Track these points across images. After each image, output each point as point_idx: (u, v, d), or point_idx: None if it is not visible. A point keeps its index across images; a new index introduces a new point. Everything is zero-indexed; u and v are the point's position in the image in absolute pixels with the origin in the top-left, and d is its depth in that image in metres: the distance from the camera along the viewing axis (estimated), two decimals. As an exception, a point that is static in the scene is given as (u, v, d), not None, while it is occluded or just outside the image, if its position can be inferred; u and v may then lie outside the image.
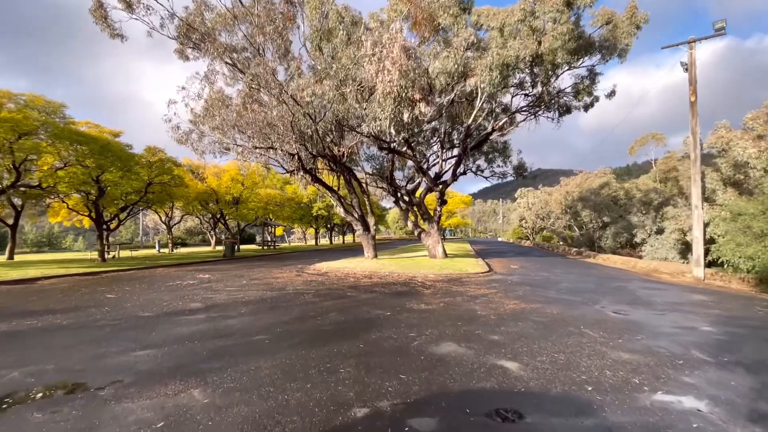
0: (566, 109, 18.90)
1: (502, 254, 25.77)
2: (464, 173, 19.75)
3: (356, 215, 17.21)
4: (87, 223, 25.06)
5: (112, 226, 21.42)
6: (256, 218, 29.66)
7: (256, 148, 12.72)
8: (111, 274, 13.59)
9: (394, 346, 4.84)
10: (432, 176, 17.25)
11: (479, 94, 14.64)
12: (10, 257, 19.91)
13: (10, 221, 20.12)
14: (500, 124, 16.19)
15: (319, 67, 11.17)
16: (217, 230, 36.07)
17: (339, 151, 13.71)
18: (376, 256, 17.67)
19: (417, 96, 10.52)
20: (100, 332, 5.50)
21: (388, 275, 13.01)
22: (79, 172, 15.37)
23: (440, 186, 17.17)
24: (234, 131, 12.94)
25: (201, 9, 14.22)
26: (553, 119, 18.70)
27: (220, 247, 36.40)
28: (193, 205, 25.82)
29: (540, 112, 17.86)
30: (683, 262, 20.68)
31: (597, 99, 18.39)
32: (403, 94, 10.57)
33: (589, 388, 3.56)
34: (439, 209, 17.88)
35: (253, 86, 13.42)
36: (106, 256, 17.92)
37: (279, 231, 48.10)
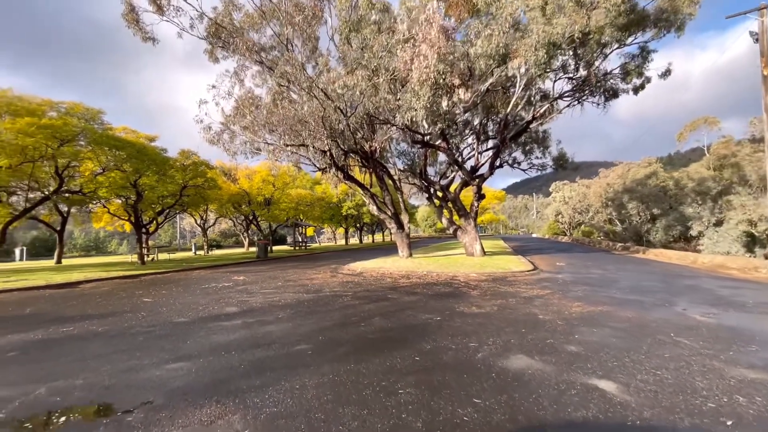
0: (613, 93, 17.47)
1: (542, 251, 24.41)
2: (500, 166, 18.72)
3: (389, 213, 16.60)
4: (128, 227, 25.92)
5: (150, 230, 21.95)
6: (287, 219, 29.75)
7: (287, 145, 12.38)
8: (149, 277, 13.67)
9: (456, 360, 4.16)
10: (468, 170, 16.35)
11: (518, 80, 13.65)
12: (58, 261, 20.81)
13: (58, 227, 21.02)
14: (541, 111, 15.09)
15: (349, 58, 10.64)
16: (249, 232, 36.58)
17: (371, 146, 13.15)
18: (411, 255, 17.00)
19: (456, 81, 9.76)
20: (134, 340, 5.16)
21: (427, 275, 12.32)
22: (118, 176, 15.69)
23: (477, 180, 16.27)
24: (264, 130, 12.67)
25: (229, 9, 14.06)
26: (598, 104, 17.32)
27: (253, 249, 36.90)
28: (226, 207, 26.18)
29: (584, 97, 16.56)
30: (750, 256, 18.67)
31: (648, 80, 16.86)
32: (441, 81, 9.84)
33: (728, 423, 2.74)
34: (476, 204, 16.97)
35: (282, 84, 13.10)
36: (145, 258, 18.27)
37: (309, 231, 48.37)
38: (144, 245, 18.56)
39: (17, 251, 30.15)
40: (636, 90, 17.09)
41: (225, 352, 4.58)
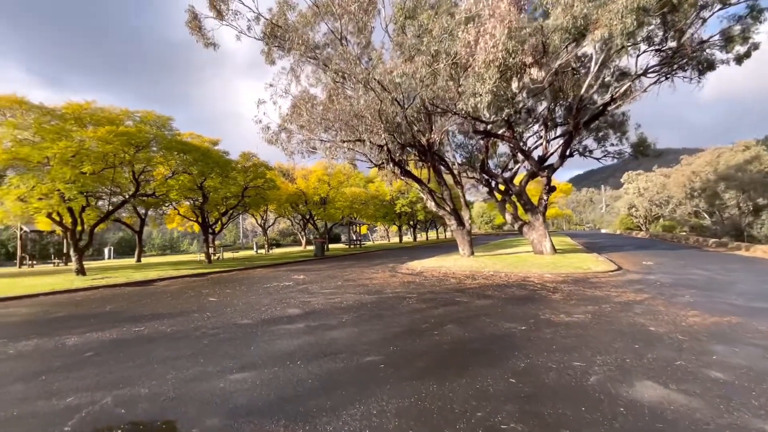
0: (708, 65, 15.10)
1: (619, 248, 21.99)
2: (570, 155, 17.01)
3: (448, 209, 15.74)
4: (197, 228, 27.66)
5: (216, 230, 23.10)
6: (342, 217, 29.95)
7: (344, 141, 12.07)
8: (215, 276, 14.15)
9: (563, 384, 3.36)
10: (536, 160, 14.98)
11: (594, 57, 12.15)
12: (138, 260, 22.64)
13: (137, 228, 22.88)
14: (621, 90, 13.34)
15: (407, 45, 10.02)
16: (306, 231, 37.48)
17: (428, 139, 12.42)
18: (472, 253, 16.00)
19: (528, 59, 8.73)
20: (199, 344, 4.97)
21: (494, 275, 11.37)
22: (186, 179, 16.57)
23: (546, 171, 14.84)
24: (320, 128, 12.50)
25: (283, 9, 14.07)
26: (690, 79, 15.06)
27: (310, 247, 37.75)
28: (285, 207, 26.91)
29: (673, 72, 14.44)
30: None
31: (756, 46, 14.33)
32: (510, 60, 8.86)
33: None
34: (545, 198, 15.54)
35: (337, 80, 12.81)
36: (211, 257, 19.17)
37: (363, 229, 48.65)
38: (210, 245, 19.48)
39: (106, 250, 33.51)
40: (739, 59, 14.63)
41: (290, 361, 4.18)
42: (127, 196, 15.14)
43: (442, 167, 15.69)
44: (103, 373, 4.02)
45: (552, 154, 16.19)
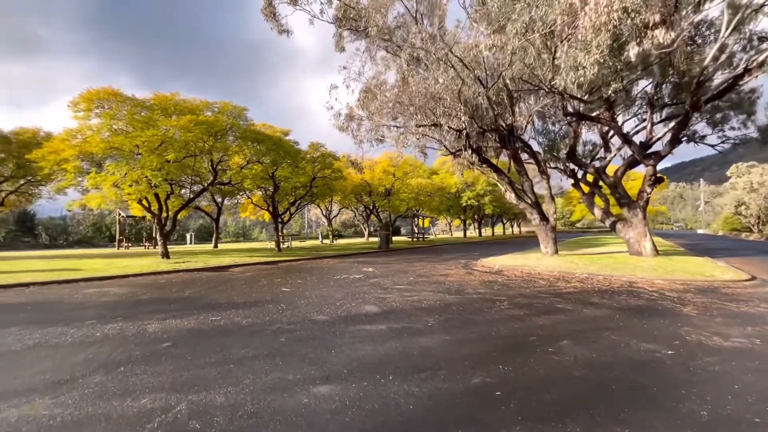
0: None
1: (733, 252, 18.63)
2: (679, 141, 14.43)
3: (530, 201, 14.21)
4: (267, 216, 28.81)
5: (285, 219, 23.67)
6: (406, 209, 29.27)
7: (419, 126, 11.22)
8: (285, 264, 14.22)
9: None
10: (639, 147, 12.85)
11: (726, 17, 9.92)
12: (215, 246, 24.05)
13: (215, 216, 24.27)
14: (761, 59, 10.81)
15: (494, 13, 8.82)
16: (369, 222, 37.45)
17: (514, 121, 11.09)
18: (556, 251, 14.33)
19: (655, 18, 7.11)
20: (275, 342, 4.49)
21: (589, 278, 9.85)
22: (259, 169, 16.96)
23: (652, 159, 12.67)
24: (392, 113, 11.76)
25: (356, -10, 13.54)
26: None
27: (373, 239, 37.70)
28: (349, 198, 26.89)
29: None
30: None
31: None
32: (628, 22, 7.31)
33: None
34: (648, 191, 13.34)
35: (411, 63, 11.93)
36: (281, 246, 19.58)
37: (425, 222, 47.62)
38: (280, 233, 19.91)
39: (188, 236, 36.50)
40: None
41: (380, 374, 3.47)
42: (206, 185, 15.82)
43: (524, 155, 14.14)
44: (179, 370, 3.64)
45: (657, 140, 13.84)
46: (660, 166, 14.73)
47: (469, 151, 11.68)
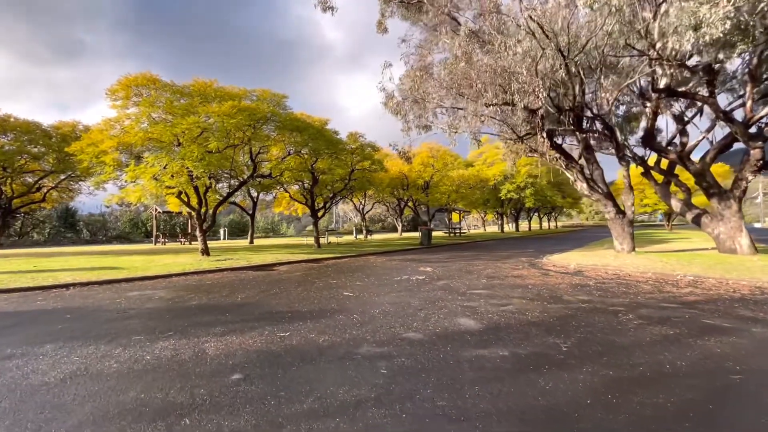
0: None
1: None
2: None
3: (602, 192, 12.55)
4: (300, 211, 28.17)
5: (319, 214, 22.78)
6: (446, 203, 27.82)
7: (488, 105, 9.82)
8: (330, 262, 13.21)
9: None
10: (744, 127, 10.93)
11: None
12: (251, 242, 23.50)
13: (250, 211, 23.68)
14: None
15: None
16: (402, 217, 36.21)
17: (599, 99, 9.52)
18: (634, 248, 12.63)
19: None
20: (376, 375, 3.32)
21: (698, 282, 8.27)
22: (298, 161, 16.05)
23: (759, 142, 10.77)
24: (454, 92, 10.40)
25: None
26: None
27: (407, 234, 36.50)
28: (386, 192, 25.72)
29: None
30: None
31: None
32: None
33: None
34: (750, 178, 11.44)
35: (472, 39, 10.48)
36: (320, 242, 18.66)
37: (456, 217, 45.83)
38: (318, 229, 18.98)
39: (221, 231, 36.45)
40: None
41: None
42: (245, 178, 15.00)
43: (608, 140, 12.41)
44: (264, 425, 2.53)
45: (757, 119, 11.84)
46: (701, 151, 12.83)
47: (543, 135, 10.18)
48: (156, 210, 27.70)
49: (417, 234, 42.01)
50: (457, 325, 4.97)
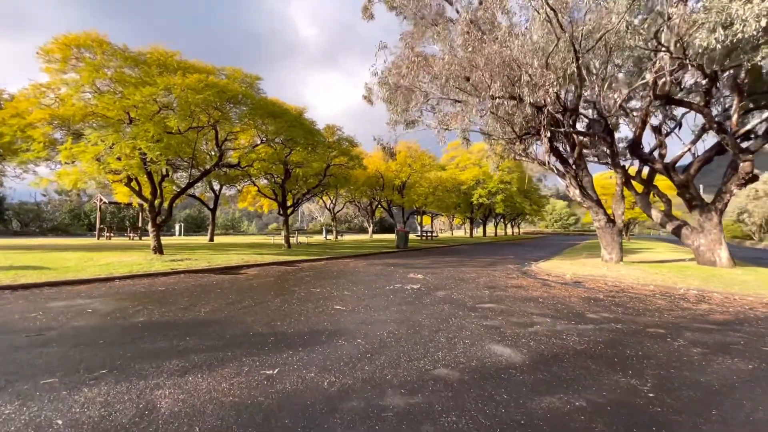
0: None
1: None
2: None
3: (594, 199, 12.16)
4: (266, 208, 26.29)
5: (288, 212, 21.16)
6: (422, 205, 27.02)
7: (493, 98, 8.93)
8: (306, 265, 11.83)
9: None
10: (734, 139, 10.86)
11: None
12: (211, 239, 21.40)
13: (211, 206, 21.57)
14: None
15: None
16: (373, 218, 35.14)
17: (616, 98, 8.94)
18: (622, 258, 12.34)
19: None
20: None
21: (704, 296, 7.84)
22: (270, 151, 14.52)
23: (748, 154, 10.74)
24: (456, 82, 9.44)
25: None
26: None
27: (378, 236, 35.47)
28: (362, 191, 24.48)
29: None
30: None
31: None
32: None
33: None
34: (732, 191, 11.45)
35: (472, 28, 9.59)
36: (290, 241, 17.11)
37: (427, 220, 45.39)
38: (289, 228, 17.41)
39: (177, 227, 33.55)
40: None
41: None
42: (209, 167, 13.21)
43: (605, 145, 11.95)
44: None
45: (743, 132, 11.93)
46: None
47: (547, 135, 9.48)
48: (101, 200, 24.71)
49: (387, 236, 41.10)
50: (492, 355, 3.94)
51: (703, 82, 11.79)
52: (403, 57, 10.13)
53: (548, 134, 9.52)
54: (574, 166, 11.88)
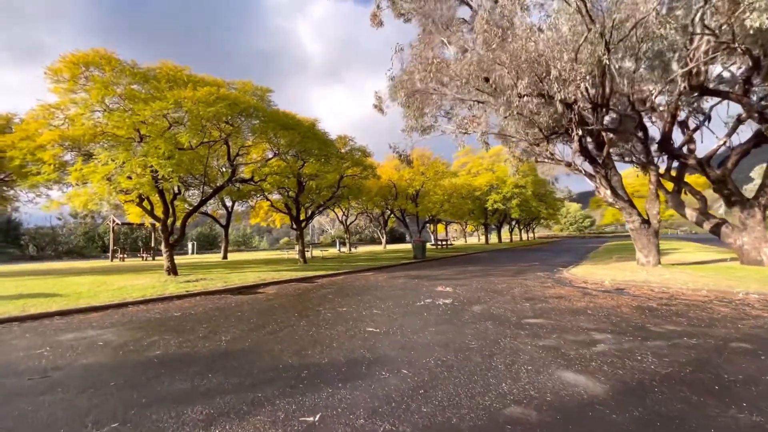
0: None
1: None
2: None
3: (626, 199, 11.48)
4: (278, 222, 25.97)
5: (302, 226, 20.76)
6: (437, 213, 26.39)
7: (521, 96, 8.42)
8: (325, 281, 11.31)
9: None
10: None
11: None
12: (225, 257, 21.06)
13: (223, 222, 21.29)
14: None
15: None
16: (385, 229, 34.61)
17: (637, 93, 8.37)
18: (659, 261, 11.57)
19: None
20: None
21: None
22: (283, 165, 14.18)
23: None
24: (471, 85, 8.98)
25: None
26: None
27: (391, 246, 34.89)
28: (375, 201, 24.02)
29: None
30: None
31: None
32: None
33: None
34: (779, 184, 10.65)
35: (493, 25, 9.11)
36: (305, 256, 16.64)
37: (441, 228, 44.61)
38: (303, 243, 16.97)
39: (189, 245, 33.41)
40: None
41: None
42: (221, 183, 12.86)
43: (638, 143, 11.31)
44: None
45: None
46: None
47: (578, 133, 8.89)
48: (114, 221, 24.66)
49: (400, 246, 40.46)
50: (565, 385, 3.33)
51: (737, 72, 11.15)
52: (419, 59, 9.70)
53: (579, 133, 8.95)
54: (602, 166, 11.23)
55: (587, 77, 7.86)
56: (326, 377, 3.57)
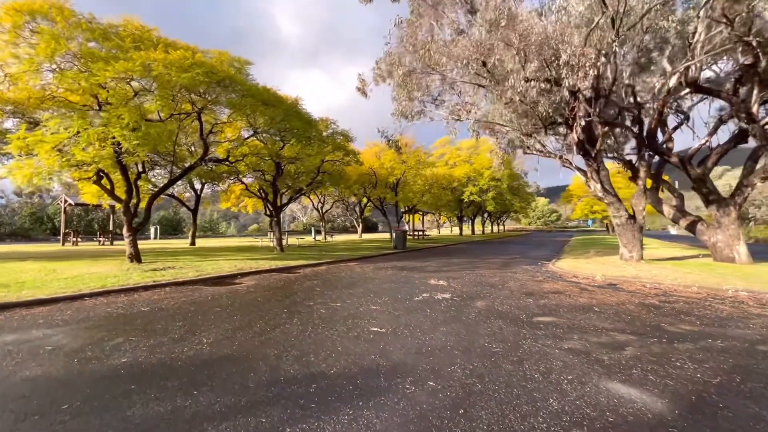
0: None
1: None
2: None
3: (614, 194, 11.47)
4: (251, 208, 24.67)
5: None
6: (416, 203, 25.95)
7: (527, 80, 7.93)
8: (307, 271, 10.58)
9: None
10: (763, 131, 10.33)
11: None
12: (192, 243, 19.69)
13: (192, 206, 19.86)
14: None
15: None
16: (360, 217, 33.97)
17: (644, 83, 8.15)
18: (642, 257, 11.70)
19: None
20: None
21: (764, 299, 7.12)
22: (260, 145, 13.14)
23: (777, 146, 10.23)
24: (471, 67, 8.44)
25: None
26: None
27: (366, 236, 34.33)
28: (354, 189, 23.22)
29: None
30: None
31: None
32: None
33: None
34: (756, 184, 10.97)
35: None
36: (282, 245, 15.72)
37: (416, 218, 44.39)
38: (280, 230, 16.01)
39: (152, 230, 31.28)
40: None
41: None
42: (192, 163, 11.66)
43: (632, 135, 11.21)
44: None
45: (764, 124, 11.48)
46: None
47: (582, 123, 8.60)
48: (66, 201, 22.44)
49: (375, 236, 39.97)
50: (621, 401, 2.91)
51: (726, 72, 11.25)
52: (411, 39, 9.00)
53: (582, 123, 8.67)
54: (594, 160, 11.12)
55: (598, 64, 7.53)
56: (341, 393, 2.96)
